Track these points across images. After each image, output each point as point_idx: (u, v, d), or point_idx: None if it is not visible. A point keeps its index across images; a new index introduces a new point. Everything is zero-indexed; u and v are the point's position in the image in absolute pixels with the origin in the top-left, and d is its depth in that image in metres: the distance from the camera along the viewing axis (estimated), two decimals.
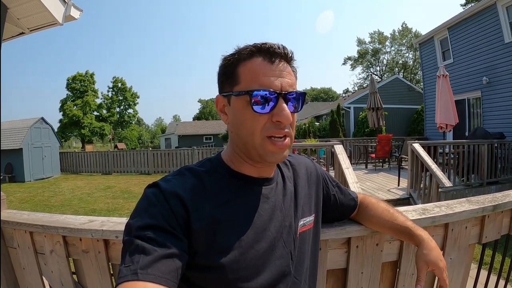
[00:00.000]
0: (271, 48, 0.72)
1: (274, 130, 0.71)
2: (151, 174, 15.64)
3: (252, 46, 0.74)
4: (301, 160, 0.97)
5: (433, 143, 6.89)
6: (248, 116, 0.72)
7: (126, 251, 0.61)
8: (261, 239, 0.74)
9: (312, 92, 72.74)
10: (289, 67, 0.75)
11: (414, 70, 42.51)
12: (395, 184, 7.26)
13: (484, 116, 10.20)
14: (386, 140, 9.78)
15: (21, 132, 14.56)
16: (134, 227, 0.64)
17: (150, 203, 0.67)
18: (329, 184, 1.01)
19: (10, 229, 1.48)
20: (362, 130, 17.10)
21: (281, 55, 0.73)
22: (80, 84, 42.32)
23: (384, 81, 21.33)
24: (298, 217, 0.84)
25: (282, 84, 0.71)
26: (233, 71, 0.75)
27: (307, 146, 6.27)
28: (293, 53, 0.76)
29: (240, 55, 0.74)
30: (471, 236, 1.33)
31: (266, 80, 0.71)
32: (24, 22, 2.39)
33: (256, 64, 0.72)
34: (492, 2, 9.56)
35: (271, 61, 0.72)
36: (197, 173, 0.76)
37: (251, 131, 0.72)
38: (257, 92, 0.69)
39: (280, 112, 0.70)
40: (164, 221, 0.64)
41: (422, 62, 14.40)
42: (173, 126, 45.89)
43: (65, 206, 8.59)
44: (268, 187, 0.81)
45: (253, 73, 0.72)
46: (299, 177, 0.90)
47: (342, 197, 1.04)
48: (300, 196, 0.87)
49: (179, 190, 0.69)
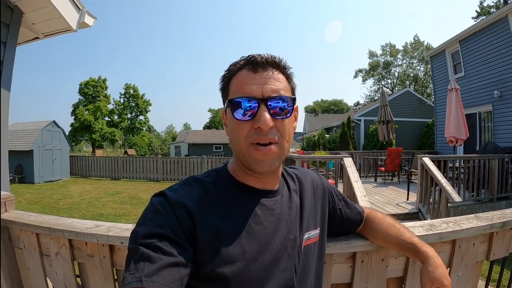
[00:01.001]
0: (254, 58, 0.75)
1: (257, 137, 0.72)
2: (160, 181, 15.67)
3: (241, 60, 0.78)
4: (307, 174, 0.97)
5: (443, 157, 6.80)
6: (234, 124, 0.74)
7: (131, 258, 0.62)
8: (265, 251, 0.73)
9: (323, 104, 72.51)
10: (277, 74, 0.76)
11: (425, 83, 42.27)
12: (404, 198, 7.17)
13: (495, 130, 10.05)
14: (396, 153, 9.68)
15: (32, 134, 14.78)
16: (140, 235, 0.64)
17: (156, 212, 0.68)
18: (335, 198, 1.01)
19: (17, 229, 1.50)
20: (372, 143, 16.98)
21: (266, 63, 0.75)
22: (92, 89, 43.07)
23: (395, 94, 21.24)
24: (303, 230, 0.83)
25: (264, 90, 0.72)
26: (227, 85, 0.79)
27: (316, 158, 6.26)
28: (283, 60, 0.78)
29: (231, 71, 0.78)
30: (479, 253, 1.31)
31: (248, 88, 0.72)
32: (39, 27, 2.45)
33: (241, 75, 0.75)
34: (503, 15, 9.51)
35: (254, 71, 0.74)
36: (203, 183, 0.76)
37: (237, 139, 0.74)
38: (237, 100, 0.72)
39: (259, 118, 0.71)
40: (170, 230, 0.65)
41: (433, 75, 14.31)
42: (183, 134, 46.20)
43: (73, 209, 8.65)
44: (273, 199, 0.81)
45: (238, 84, 0.75)
46: (305, 190, 0.90)
47: (348, 211, 1.04)
48: (306, 209, 0.87)
49: (185, 200, 0.70)
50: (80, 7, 2.34)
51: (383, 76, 47.32)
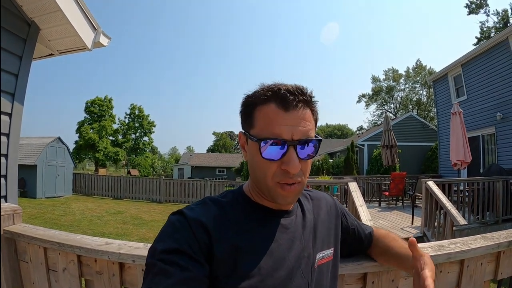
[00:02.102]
0: (285, 95, 0.72)
1: (283, 178, 0.73)
2: (162, 202, 15.52)
3: (268, 90, 0.75)
4: (320, 195, 0.99)
5: (447, 180, 6.76)
6: (260, 161, 0.74)
7: (148, 272, 0.64)
8: (280, 267, 0.74)
9: (327, 129, 72.56)
10: (306, 112, 0.75)
11: (428, 107, 42.45)
12: (408, 222, 7.09)
13: (499, 152, 10.03)
14: (400, 178, 9.63)
15: (37, 149, 14.80)
16: (158, 250, 0.66)
17: (174, 229, 0.70)
18: (348, 218, 1.02)
19: (24, 243, 1.50)
20: (376, 168, 16.92)
21: (297, 101, 0.73)
22: (98, 108, 43.54)
23: (398, 119, 21.36)
24: (317, 249, 0.84)
25: (294, 133, 0.71)
26: (250, 113, 0.77)
27: (321, 183, 6.25)
28: (311, 94, 0.77)
29: (256, 99, 0.76)
30: (487, 273, 1.31)
31: (278, 129, 0.71)
32: (54, 44, 2.52)
33: (270, 110, 0.73)
34: (504, 38, 9.67)
35: (284, 109, 0.72)
36: (219, 203, 0.78)
37: (263, 175, 0.75)
38: (266, 141, 0.71)
39: (289, 161, 0.71)
40: (188, 247, 0.66)
41: (436, 99, 14.43)
42: (186, 157, 46.43)
43: (74, 226, 8.58)
44: (288, 219, 0.82)
45: (266, 120, 0.73)
46: (319, 210, 0.92)
47: (361, 230, 1.05)
48: (320, 229, 0.88)
49: (202, 218, 0.71)
50: (96, 27, 2.42)
51: (386, 101, 47.64)
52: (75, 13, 2.25)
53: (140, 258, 1.17)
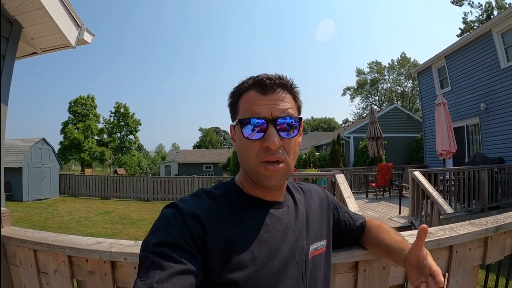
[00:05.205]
0: (263, 80, 0.78)
1: (266, 156, 0.75)
2: (150, 200, 15.38)
3: (249, 79, 0.80)
4: (312, 188, 1.00)
5: (433, 170, 6.90)
6: (243, 143, 0.77)
7: (142, 266, 0.63)
8: (275, 257, 0.75)
9: (313, 122, 72.88)
10: (286, 95, 0.79)
11: (412, 99, 43.04)
12: (396, 212, 7.20)
13: (483, 142, 10.25)
14: (386, 169, 9.78)
15: (22, 151, 14.52)
16: (151, 243, 0.66)
17: (168, 222, 0.70)
18: (339, 210, 1.04)
19: (13, 246, 1.47)
20: (362, 160, 17.09)
21: (275, 85, 0.78)
22: (82, 108, 42.81)
23: (384, 111, 21.57)
24: (310, 241, 0.85)
25: (273, 111, 0.75)
26: (235, 103, 0.82)
27: (309, 176, 6.27)
28: (290, 80, 0.81)
29: (240, 89, 0.81)
30: (475, 258, 1.35)
31: (257, 109, 0.76)
32: (37, 42, 2.46)
33: (250, 95, 0.78)
34: (487, 30, 9.83)
35: (263, 92, 0.77)
36: (213, 195, 0.79)
37: (247, 156, 0.77)
38: (246, 120, 0.75)
39: (268, 138, 0.74)
40: (181, 239, 0.66)
41: (420, 91, 14.63)
42: (173, 154, 46.01)
43: (62, 228, 8.45)
44: (280, 210, 0.84)
45: (247, 104, 0.78)
46: (311, 202, 0.93)
47: (352, 222, 1.06)
48: (312, 220, 0.89)
49: (196, 210, 0.72)
50: (80, 23, 2.37)
51: (370, 93, 48.12)
52: (58, 10, 2.20)
53: (132, 256, 1.16)
